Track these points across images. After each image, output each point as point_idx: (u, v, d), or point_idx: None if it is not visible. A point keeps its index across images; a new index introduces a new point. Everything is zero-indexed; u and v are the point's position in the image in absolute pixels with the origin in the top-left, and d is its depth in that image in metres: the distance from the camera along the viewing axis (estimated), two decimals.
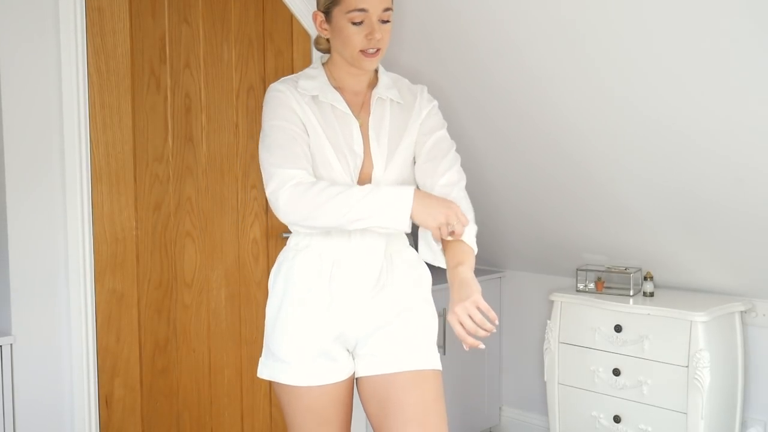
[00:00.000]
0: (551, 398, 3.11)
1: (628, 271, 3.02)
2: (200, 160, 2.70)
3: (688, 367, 2.70)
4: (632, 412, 2.86)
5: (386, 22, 1.83)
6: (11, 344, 2.30)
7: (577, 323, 3.02)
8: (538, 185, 3.04)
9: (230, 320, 2.80)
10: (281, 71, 2.88)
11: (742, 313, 2.87)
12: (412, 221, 1.76)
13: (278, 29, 2.87)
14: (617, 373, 2.89)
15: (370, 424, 1.92)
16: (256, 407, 2.89)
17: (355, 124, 1.88)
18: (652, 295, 2.94)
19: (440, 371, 1.90)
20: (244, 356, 2.83)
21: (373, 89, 1.93)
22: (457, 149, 1.98)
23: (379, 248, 1.87)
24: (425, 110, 1.96)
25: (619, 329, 2.88)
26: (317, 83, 1.88)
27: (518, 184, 3.08)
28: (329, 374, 1.86)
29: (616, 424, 2.91)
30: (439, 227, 1.74)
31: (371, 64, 1.85)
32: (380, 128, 1.90)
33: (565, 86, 2.57)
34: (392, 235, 1.89)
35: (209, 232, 2.73)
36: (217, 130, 2.73)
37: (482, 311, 1.66)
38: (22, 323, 2.33)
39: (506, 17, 2.48)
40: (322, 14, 1.86)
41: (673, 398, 2.74)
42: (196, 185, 2.69)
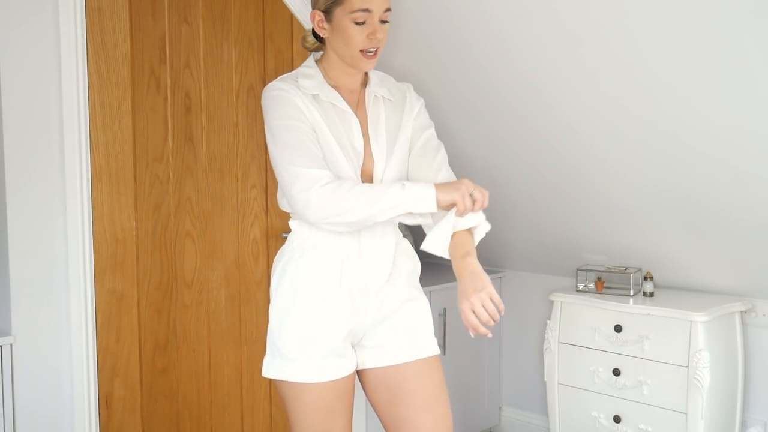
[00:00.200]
0: (551, 398, 3.11)
1: (628, 271, 3.02)
2: (200, 160, 2.70)
3: (688, 367, 2.70)
4: (632, 412, 2.86)
5: (385, 22, 1.85)
6: (11, 344, 2.30)
7: (577, 323, 3.02)
8: (538, 185, 3.03)
9: (230, 320, 2.80)
10: (281, 71, 2.87)
11: (742, 313, 2.87)
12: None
13: (278, 29, 2.87)
14: (617, 373, 2.89)
15: (375, 412, 2.01)
16: (256, 407, 2.89)
17: (355, 121, 1.90)
18: (652, 295, 2.94)
19: (440, 355, 2.01)
20: (244, 356, 2.83)
21: (365, 87, 1.96)
22: (456, 148, 2.00)
23: (389, 245, 1.93)
24: (416, 108, 2.00)
25: (619, 329, 2.88)
26: (315, 82, 1.89)
27: (518, 184, 3.08)
28: (337, 370, 1.89)
29: (616, 424, 2.91)
30: (463, 196, 1.78)
31: (370, 64, 1.88)
32: (377, 125, 1.93)
33: (562, 88, 2.57)
34: (394, 228, 1.94)
35: (209, 232, 2.73)
36: (217, 130, 2.73)
37: (494, 302, 1.78)
38: (22, 323, 2.33)
39: (500, 17, 2.48)
40: (321, 13, 1.86)
41: (673, 398, 2.74)
42: (196, 185, 2.69)
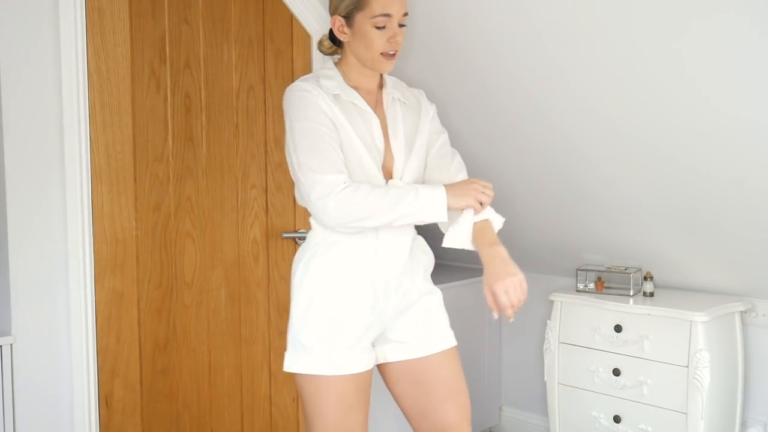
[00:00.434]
0: (551, 398, 3.11)
1: (628, 271, 3.02)
2: (200, 160, 2.69)
3: (688, 367, 2.70)
4: (632, 412, 2.86)
5: (403, 25, 1.96)
6: (11, 344, 2.30)
7: (577, 323, 3.02)
8: (538, 186, 3.03)
9: (230, 320, 2.80)
10: (281, 71, 2.88)
11: (742, 313, 2.87)
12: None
13: (278, 29, 2.87)
14: (617, 373, 2.89)
15: (398, 403, 2.12)
16: (256, 407, 2.89)
17: (375, 120, 1.99)
18: (652, 295, 2.94)
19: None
20: (244, 356, 2.83)
21: (381, 89, 2.06)
22: (456, 149, 2.07)
23: (406, 242, 2.03)
24: (431, 112, 2.12)
25: (619, 329, 2.88)
26: (336, 83, 1.98)
27: (519, 185, 3.08)
28: (357, 364, 1.97)
29: (616, 424, 2.91)
30: (476, 200, 1.92)
31: (390, 65, 1.97)
32: (396, 125, 2.03)
33: (561, 91, 2.57)
34: (410, 225, 2.03)
35: (209, 232, 2.73)
36: (217, 130, 2.73)
37: (522, 291, 1.86)
38: (22, 323, 2.33)
39: (491, 19, 2.48)
40: (342, 18, 1.95)
41: (673, 398, 2.74)
42: (196, 185, 2.69)
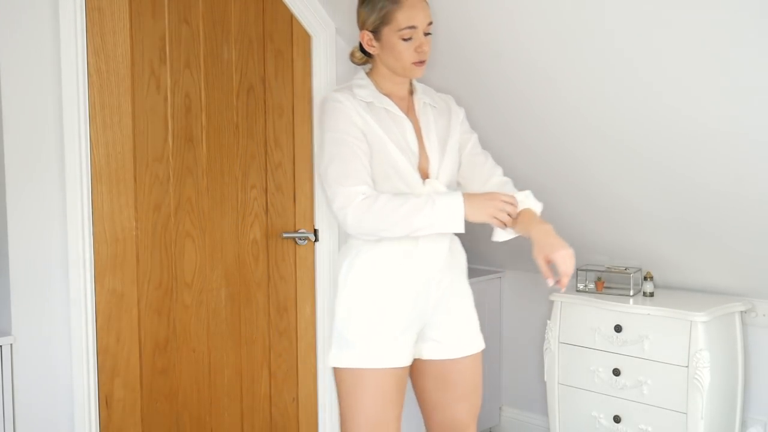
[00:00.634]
0: (551, 398, 3.11)
1: (628, 271, 3.02)
2: (200, 160, 2.69)
3: (688, 367, 2.70)
4: (632, 412, 2.86)
5: (428, 34, 2.05)
6: (11, 344, 2.30)
7: (577, 323, 3.02)
8: (537, 185, 3.03)
9: (230, 320, 2.80)
10: (281, 71, 2.88)
11: (742, 313, 2.87)
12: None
13: (278, 29, 2.87)
14: (617, 373, 2.89)
15: (415, 394, 2.21)
16: (256, 407, 2.89)
17: (408, 125, 2.09)
18: (652, 295, 2.94)
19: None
20: (244, 356, 2.83)
21: (412, 95, 2.16)
22: None
23: (444, 241, 2.11)
24: (461, 115, 2.23)
25: (619, 329, 2.88)
26: (369, 91, 2.08)
27: (518, 184, 3.07)
28: (398, 359, 2.05)
29: (616, 424, 2.91)
30: (493, 217, 2.00)
31: (420, 71, 2.06)
32: (429, 128, 2.13)
33: (563, 88, 2.57)
34: None
35: (209, 232, 2.73)
36: (217, 130, 2.73)
37: (573, 263, 1.95)
38: (22, 323, 2.33)
39: (491, 21, 2.48)
40: (369, 33, 2.04)
41: (673, 398, 2.74)
42: (196, 185, 2.69)
